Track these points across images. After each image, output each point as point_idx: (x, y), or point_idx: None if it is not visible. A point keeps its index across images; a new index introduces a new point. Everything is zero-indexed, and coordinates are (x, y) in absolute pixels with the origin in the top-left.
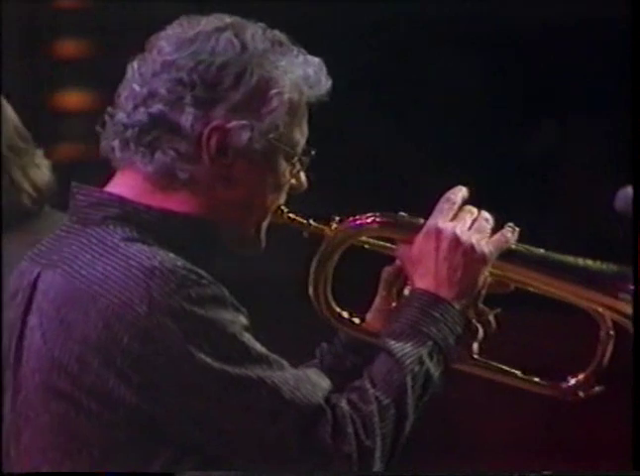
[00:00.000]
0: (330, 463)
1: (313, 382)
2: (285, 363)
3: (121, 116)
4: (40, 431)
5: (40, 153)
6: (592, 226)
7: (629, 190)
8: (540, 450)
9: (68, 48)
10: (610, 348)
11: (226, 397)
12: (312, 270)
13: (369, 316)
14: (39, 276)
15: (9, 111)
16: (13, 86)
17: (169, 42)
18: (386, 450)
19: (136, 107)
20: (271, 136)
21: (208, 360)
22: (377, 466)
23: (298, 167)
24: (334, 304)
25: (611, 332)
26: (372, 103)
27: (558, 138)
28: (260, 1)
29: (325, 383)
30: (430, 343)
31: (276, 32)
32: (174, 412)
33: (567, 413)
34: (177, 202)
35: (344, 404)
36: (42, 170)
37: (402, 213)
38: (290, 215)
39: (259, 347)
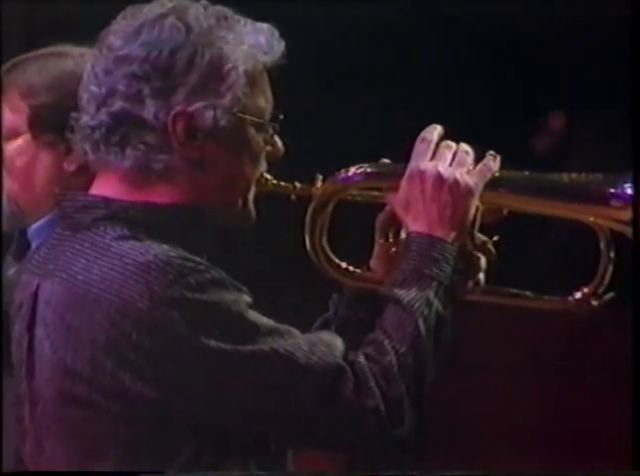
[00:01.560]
0: (360, 421)
1: (327, 343)
2: (296, 331)
3: (85, 119)
4: (63, 438)
5: None
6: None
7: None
8: (540, 450)
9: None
10: (612, 257)
11: (243, 376)
12: (307, 226)
13: (372, 264)
14: (38, 287)
15: None
16: None
17: (117, 36)
18: (414, 398)
19: (98, 108)
20: (235, 110)
21: (219, 343)
22: (409, 416)
23: (271, 132)
24: (332, 256)
25: (610, 242)
26: (374, 96)
27: (558, 138)
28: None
29: (339, 342)
30: (434, 283)
31: (220, 7)
32: (194, 400)
33: (567, 412)
34: (159, 194)
35: (362, 359)
36: None
37: (385, 160)
38: (274, 182)
39: (266, 321)
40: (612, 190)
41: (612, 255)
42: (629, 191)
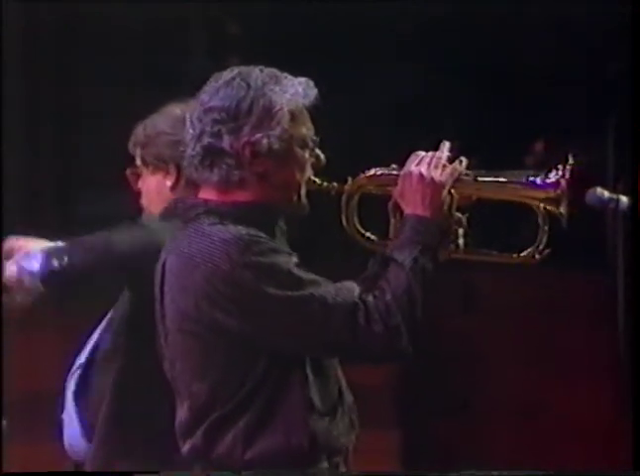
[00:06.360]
0: (370, 341)
1: (348, 288)
2: (330, 282)
3: (189, 151)
4: (185, 359)
5: None
6: (594, 225)
7: (598, 190)
8: (541, 450)
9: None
10: (547, 228)
11: (292, 312)
12: (342, 209)
13: (390, 235)
14: (165, 260)
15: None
16: (13, 86)
17: (205, 94)
18: (410, 326)
19: (194, 144)
20: (284, 137)
21: (275, 290)
22: (406, 338)
23: (311, 147)
24: (361, 229)
25: (545, 216)
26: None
27: (558, 138)
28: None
29: (356, 287)
30: (419, 247)
31: (272, 69)
32: (262, 330)
33: (567, 413)
34: (239, 196)
35: (370, 298)
36: None
37: (394, 165)
38: (319, 183)
39: (307, 274)
40: (536, 180)
41: (547, 227)
42: (548, 181)
